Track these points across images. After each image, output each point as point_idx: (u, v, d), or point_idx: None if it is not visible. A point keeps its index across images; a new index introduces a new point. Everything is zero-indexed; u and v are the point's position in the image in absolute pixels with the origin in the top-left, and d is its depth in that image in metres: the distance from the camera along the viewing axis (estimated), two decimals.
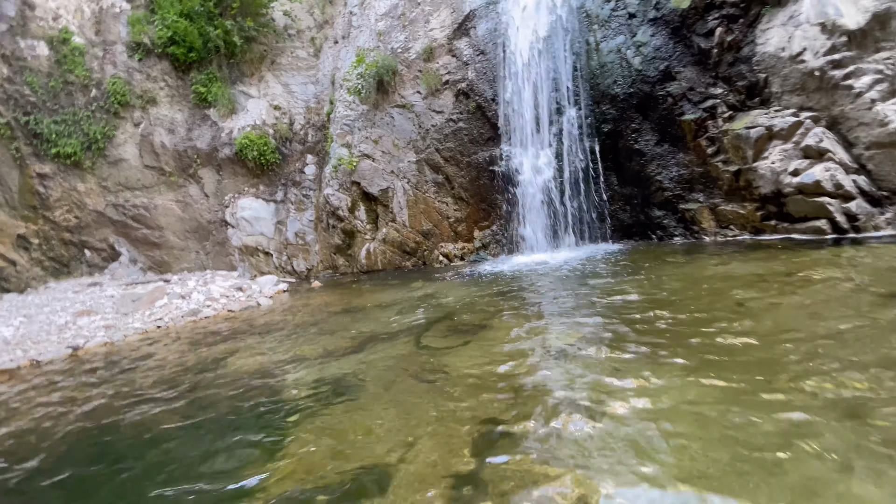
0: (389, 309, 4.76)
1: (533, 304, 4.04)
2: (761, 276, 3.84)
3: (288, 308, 5.72)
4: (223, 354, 4.10)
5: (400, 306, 4.79)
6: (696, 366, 2.26)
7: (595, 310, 3.52)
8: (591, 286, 4.35)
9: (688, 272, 4.34)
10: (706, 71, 5.77)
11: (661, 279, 4.20)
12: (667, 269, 4.58)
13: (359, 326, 4.20)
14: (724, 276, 3.96)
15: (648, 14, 6.17)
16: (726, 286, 3.65)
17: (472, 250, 7.49)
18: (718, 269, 4.26)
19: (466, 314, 4.05)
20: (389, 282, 6.59)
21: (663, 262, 4.94)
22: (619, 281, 4.37)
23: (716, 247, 5.41)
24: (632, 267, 4.96)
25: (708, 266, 4.48)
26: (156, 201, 9.22)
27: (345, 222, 8.05)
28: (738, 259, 4.60)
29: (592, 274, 4.91)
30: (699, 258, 4.89)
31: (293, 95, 9.47)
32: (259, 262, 8.61)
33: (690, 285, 3.84)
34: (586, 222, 6.63)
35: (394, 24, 8.53)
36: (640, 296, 3.73)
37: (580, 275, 4.97)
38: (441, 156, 7.68)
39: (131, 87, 9.36)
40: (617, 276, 4.62)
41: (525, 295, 4.51)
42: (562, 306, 3.79)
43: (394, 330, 3.91)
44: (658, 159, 6.18)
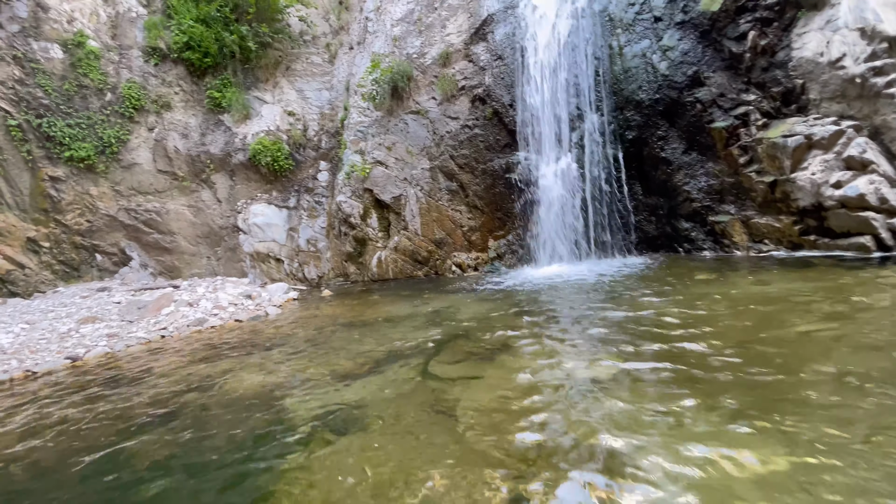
0: (400, 325, 4.45)
1: (555, 325, 3.69)
2: (811, 299, 3.46)
3: (296, 319, 5.44)
4: (224, 372, 3.82)
5: (411, 322, 4.48)
6: (789, 431, 1.72)
7: (626, 335, 3.16)
8: (618, 305, 4.00)
9: (726, 292, 3.97)
10: (737, 76, 5.41)
11: (698, 299, 3.83)
12: (701, 287, 4.21)
13: (368, 345, 3.89)
14: (770, 298, 3.58)
15: (675, 17, 5.84)
16: (776, 311, 3.28)
17: (487, 260, 7.16)
18: (760, 290, 3.88)
19: (483, 334, 3.71)
20: (401, 292, 6.29)
21: (695, 279, 4.57)
22: (649, 300, 4.01)
23: (749, 262, 5.02)
24: (661, 283, 4.59)
25: (747, 285, 4.10)
26: (168, 206, 9.05)
27: (356, 230, 7.78)
28: (778, 278, 4.21)
29: (618, 291, 4.55)
30: (734, 275, 4.50)
31: (307, 101, 9.28)
32: (270, 268, 8.38)
33: (734, 308, 3.47)
34: (609, 234, 6.27)
35: (409, 29, 8.30)
36: (677, 319, 3.36)
37: (604, 291, 4.61)
38: (455, 163, 7.39)
39: (146, 92, 9.24)
40: (646, 293, 4.26)
41: (545, 313, 4.17)
42: (588, 330, 3.44)
43: (404, 350, 3.59)
44: (686, 168, 5.81)
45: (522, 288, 5.36)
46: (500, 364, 2.95)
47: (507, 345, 3.35)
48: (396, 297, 6.01)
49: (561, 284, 5.27)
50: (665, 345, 2.85)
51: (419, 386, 2.81)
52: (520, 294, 5.08)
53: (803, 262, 4.59)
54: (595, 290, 4.70)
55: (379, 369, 3.22)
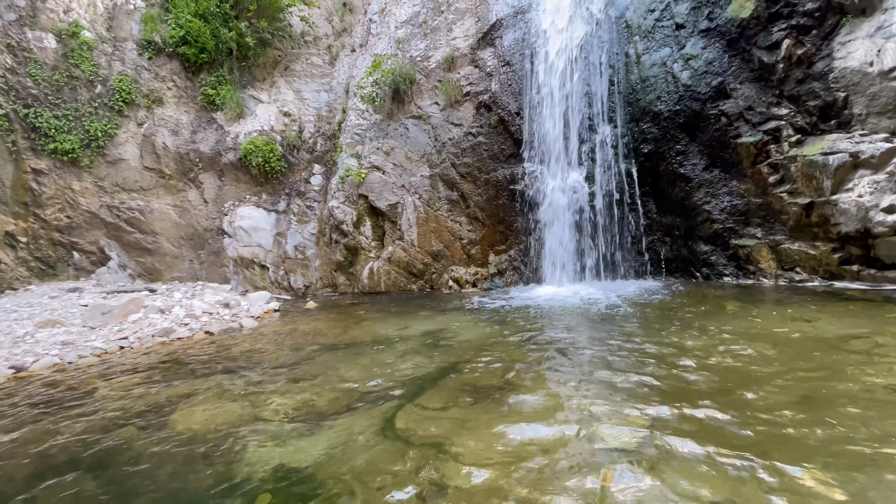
0: (387, 348, 3.78)
1: (564, 362, 3.03)
2: (875, 343, 2.82)
3: (273, 334, 4.76)
4: (177, 398, 3.13)
5: (400, 346, 3.80)
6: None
7: (650, 376, 2.50)
8: (634, 337, 3.34)
9: (762, 328, 3.32)
10: (768, 88, 4.85)
11: (734, 337, 3.18)
12: (733, 322, 3.56)
13: (347, 373, 3.21)
14: (824, 341, 2.92)
15: (700, 25, 5.30)
16: (838, 357, 2.62)
17: (486, 276, 6.51)
18: (808, 328, 3.23)
19: (480, 367, 3.05)
20: (391, 308, 5.62)
21: (719, 310, 3.92)
22: (671, 335, 3.35)
23: (780, 293, 4.38)
24: (682, 314, 3.94)
25: (785, 320, 3.45)
26: (152, 205, 8.40)
27: (348, 237, 7.14)
28: (822, 313, 3.56)
29: (633, 321, 3.90)
30: (766, 307, 3.86)
31: (305, 102, 8.71)
32: (254, 275, 7.70)
33: (781, 351, 2.81)
34: (619, 254, 5.64)
35: (414, 31, 7.77)
36: (708, 359, 2.71)
37: (618, 321, 3.96)
38: (457, 171, 6.79)
39: (138, 86, 8.66)
40: (666, 327, 3.61)
41: (552, 343, 3.51)
42: (602, 371, 2.77)
43: (389, 384, 2.91)
44: (706, 186, 5.21)
45: (525, 310, 4.71)
46: (501, 409, 2.28)
47: (508, 384, 2.68)
48: (387, 313, 5.34)
49: (567, 309, 4.61)
50: (705, 399, 2.19)
51: (407, 434, 2.14)
52: (522, 318, 4.42)
53: (846, 296, 3.95)
54: (607, 319, 4.04)
55: (358, 410, 2.55)
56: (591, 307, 4.52)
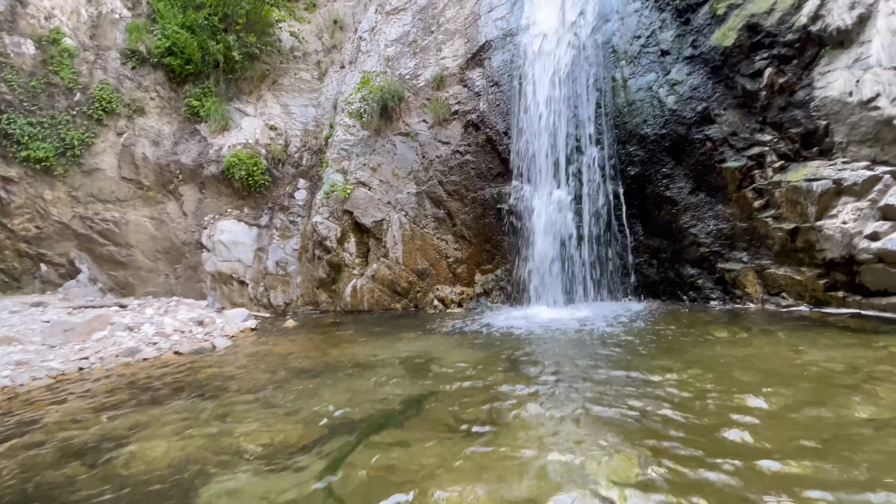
0: (366, 373, 3.53)
1: (553, 389, 2.84)
2: (866, 374, 2.70)
3: (247, 356, 4.45)
4: (133, 428, 2.81)
5: (380, 371, 3.56)
6: None
7: (644, 410, 2.33)
8: (626, 368, 3.17)
9: (753, 357, 3.19)
10: (751, 115, 4.87)
11: (727, 367, 3.04)
12: (725, 350, 3.42)
13: (321, 401, 2.95)
14: (829, 375, 2.79)
15: (684, 52, 5.34)
16: (826, 389, 2.49)
17: (472, 296, 6.32)
18: (801, 357, 3.11)
19: (464, 397, 2.83)
20: (374, 328, 5.36)
21: (714, 337, 3.80)
22: (662, 363, 3.20)
23: (768, 319, 4.29)
24: (672, 340, 3.80)
25: (780, 349, 3.34)
26: (128, 216, 8.03)
27: (332, 254, 6.88)
28: (813, 341, 3.46)
29: (623, 347, 3.74)
30: (758, 336, 3.74)
31: (292, 117, 8.53)
32: (232, 291, 7.35)
33: (775, 382, 2.67)
34: (606, 275, 5.53)
35: (404, 50, 7.72)
36: (710, 396, 2.54)
37: (607, 346, 3.80)
38: (444, 189, 6.65)
39: (119, 95, 8.36)
40: (657, 354, 3.46)
41: (540, 369, 3.32)
42: (593, 402, 2.58)
43: (365, 414, 2.67)
44: (693, 210, 5.17)
45: (511, 332, 4.52)
46: (482, 456, 2.06)
47: (494, 416, 2.47)
48: (369, 334, 5.08)
49: (555, 331, 4.44)
50: (702, 438, 2.02)
51: (384, 473, 1.90)
52: (509, 340, 4.23)
53: (833, 324, 3.88)
54: (596, 343, 3.88)
55: (329, 446, 2.29)
56: (578, 331, 4.36)
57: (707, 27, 5.20)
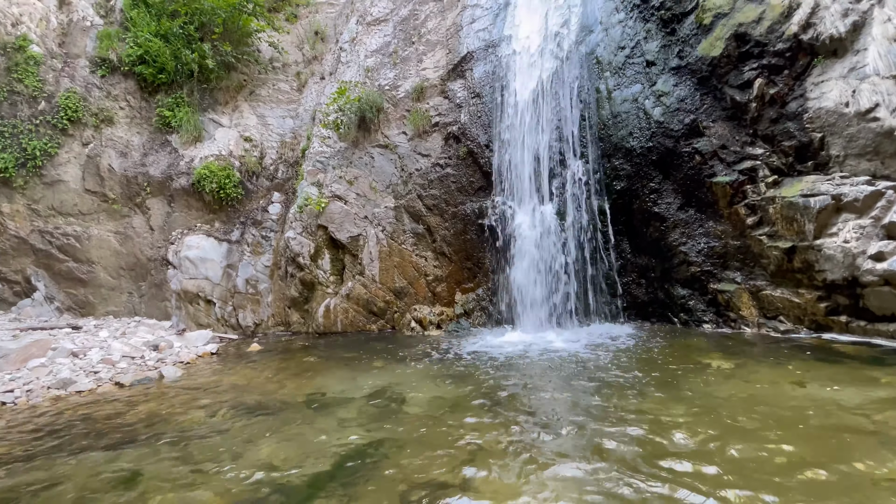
0: (322, 414, 3.04)
1: (537, 439, 2.40)
2: (874, 419, 2.30)
3: (193, 389, 3.93)
4: (21, 490, 2.30)
5: (339, 411, 3.08)
6: None
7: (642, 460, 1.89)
8: (617, 406, 2.75)
9: (754, 397, 2.78)
10: (741, 127, 4.57)
11: (726, 406, 2.63)
12: (722, 384, 3.01)
13: (257, 455, 2.46)
14: (838, 419, 2.38)
15: (670, 62, 5.06)
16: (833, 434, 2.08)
17: (452, 317, 5.87)
18: (806, 396, 2.71)
19: (431, 446, 2.37)
20: (344, 353, 4.87)
21: (710, 368, 3.39)
22: (656, 401, 2.78)
23: (766, 345, 3.91)
24: (664, 371, 3.39)
25: (783, 386, 2.93)
26: (91, 231, 7.48)
27: (305, 271, 6.41)
28: (811, 373, 3.07)
29: (612, 379, 3.32)
30: (755, 366, 3.35)
31: (268, 128, 8.12)
32: (198, 311, 6.81)
33: (785, 433, 2.26)
34: (592, 295, 5.13)
35: (384, 61, 7.40)
36: (698, 442, 2.12)
37: (595, 378, 3.37)
38: (423, 203, 6.25)
39: (87, 104, 7.89)
40: (650, 388, 3.04)
41: (522, 407, 2.88)
42: (581, 457, 2.15)
43: (306, 475, 2.19)
44: (682, 226, 4.82)
45: (492, 360, 4.06)
46: None
47: (460, 479, 2.02)
48: (337, 361, 4.59)
49: (537, 361, 4.00)
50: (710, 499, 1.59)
51: None
52: (489, 370, 3.78)
53: (837, 353, 3.50)
54: (582, 375, 3.45)
55: None
56: (563, 360, 3.92)
57: (693, 37, 4.93)
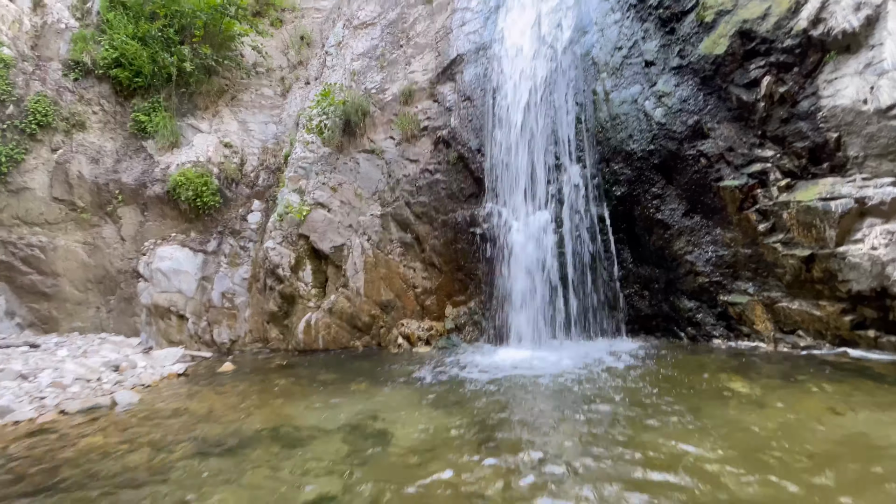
0: (286, 453, 2.56)
1: (543, 484, 1.95)
2: None
3: (145, 419, 3.41)
4: None
5: (307, 449, 2.60)
6: None
7: None
8: (626, 438, 2.32)
9: (788, 427, 2.37)
10: (749, 128, 4.24)
11: (748, 439, 2.21)
12: (739, 411, 2.60)
13: None
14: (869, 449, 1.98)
15: (671, 62, 4.75)
16: None
17: (442, 332, 5.41)
18: (845, 425, 2.30)
19: (416, 501, 1.91)
20: (323, 375, 4.39)
21: (721, 390, 2.98)
22: (666, 432, 2.36)
23: (785, 363, 3.51)
24: (677, 395, 2.97)
25: (816, 412, 2.52)
26: (57, 241, 6.93)
27: (284, 284, 5.92)
28: (850, 398, 2.67)
29: (616, 404, 2.89)
30: (780, 389, 2.94)
31: (250, 134, 7.69)
32: (170, 327, 6.27)
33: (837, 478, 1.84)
34: (592, 309, 4.72)
35: (371, 64, 7.04)
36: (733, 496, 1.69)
37: (600, 400, 2.94)
38: (412, 211, 5.83)
39: (58, 108, 7.41)
40: (659, 414, 2.61)
41: (522, 446, 2.43)
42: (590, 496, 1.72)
43: None
44: (688, 234, 4.45)
45: (484, 386, 3.61)
46: None
47: None
48: (314, 383, 4.11)
49: (534, 384, 3.56)
50: None
51: None
52: (482, 395, 3.33)
53: (870, 372, 3.11)
54: (587, 401, 3.01)
55: None
56: (564, 382, 3.49)
57: (694, 35, 4.63)
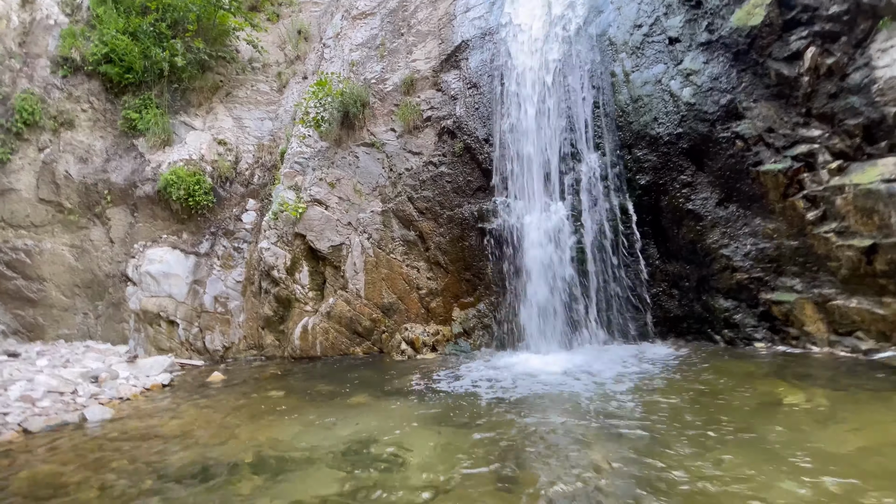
0: (273, 490, 2.10)
1: None
2: None
3: (114, 440, 2.96)
4: None
5: (299, 482, 2.13)
6: None
7: None
8: (675, 455, 1.83)
9: (877, 451, 1.88)
10: (791, 106, 3.75)
11: (837, 463, 1.71)
12: (806, 431, 2.11)
13: None
14: None
15: (698, 37, 4.28)
16: None
17: (449, 337, 4.94)
18: None
19: None
20: (319, 386, 3.92)
21: (776, 403, 2.49)
22: (729, 451, 1.87)
23: (844, 370, 3.01)
24: (723, 407, 2.48)
25: None
26: (44, 244, 6.53)
27: (280, 286, 5.48)
28: None
29: (659, 418, 2.40)
30: (848, 401, 2.45)
31: (245, 131, 7.27)
32: (159, 333, 5.83)
33: None
34: (615, 310, 4.23)
35: (370, 54, 6.61)
36: None
37: (635, 417, 2.46)
38: (415, 206, 5.37)
39: (45, 106, 7.04)
40: (707, 433, 2.12)
41: (550, 479, 1.96)
42: None
43: None
44: (723, 225, 3.96)
45: (500, 396, 3.13)
46: None
47: None
48: (310, 396, 3.64)
49: (558, 395, 3.07)
50: None
51: None
52: (497, 411, 2.85)
53: None
54: (620, 417, 2.52)
55: None
56: (591, 395, 3.00)
57: (724, 7, 4.16)
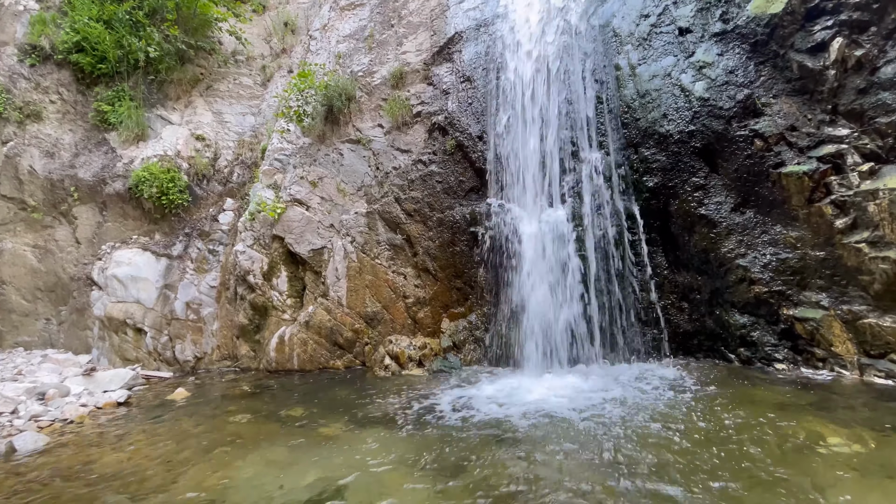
0: None
1: None
2: None
3: (35, 480, 2.50)
4: None
5: None
6: None
7: None
8: None
9: None
10: (815, 102, 3.38)
11: None
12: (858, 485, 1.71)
13: None
14: None
15: (711, 28, 3.89)
16: None
17: (437, 351, 4.51)
18: None
19: None
20: (291, 407, 3.47)
21: (811, 445, 2.09)
22: None
23: (881, 399, 2.63)
24: (743, 452, 2.08)
25: None
26: (4, 244, 6.03)
27: (256, 292, 5.03)
28: None
29: (678, 462, 1.99)
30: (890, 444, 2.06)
31: (225, 126, 6.81)
32: (125, 342, 5.35)
33: None
34: (620, 324, 3.83)
35: (358, 46, 6.18)
36: None
37: (648, 460, 2.04)
38: (402, 208, 4.95)
39: (10, 97, 6.53)
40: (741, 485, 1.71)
41: None
42: None
43: None
44: (738, 233, 3.57)
45: (493, 427, 2.71)
46: None
47: None
48: (277, 422, 3.20)
49: (559, 426, 2.66)
50: None
51: None
52: (489, 447, 2.42)
53: None
54: (631, 460, 2.11)
55: None
56: (596, 428, 2.59)
57: None
